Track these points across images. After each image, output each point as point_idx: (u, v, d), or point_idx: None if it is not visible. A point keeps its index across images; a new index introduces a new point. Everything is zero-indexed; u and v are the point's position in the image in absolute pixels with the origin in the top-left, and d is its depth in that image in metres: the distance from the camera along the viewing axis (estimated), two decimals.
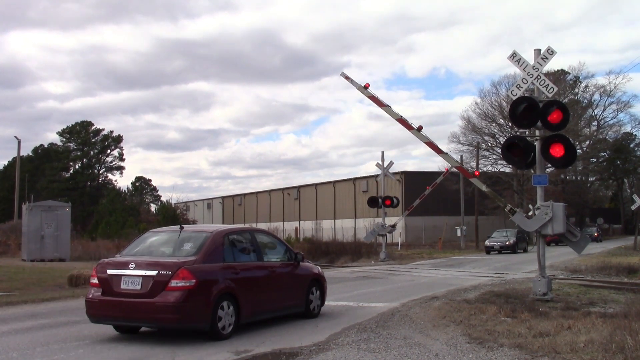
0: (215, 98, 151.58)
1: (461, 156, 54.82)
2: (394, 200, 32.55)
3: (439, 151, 13.48)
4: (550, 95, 12.21)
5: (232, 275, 8.98)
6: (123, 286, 8.47)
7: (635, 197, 38.13)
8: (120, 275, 8.53)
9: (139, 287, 8.36)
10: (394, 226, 32.12)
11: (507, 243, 37.35)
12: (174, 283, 8.21)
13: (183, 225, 9.66)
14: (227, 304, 8.70)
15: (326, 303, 11.42)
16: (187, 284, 8.22)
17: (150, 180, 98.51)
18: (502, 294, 13.11)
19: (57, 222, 29.61)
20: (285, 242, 11.22)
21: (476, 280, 18.01)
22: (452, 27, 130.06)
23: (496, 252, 36.94)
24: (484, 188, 13.62)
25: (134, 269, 8.48)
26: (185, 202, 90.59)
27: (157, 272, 8.33)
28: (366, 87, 13.76)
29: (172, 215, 47.31)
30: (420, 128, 13.19)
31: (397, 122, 13.57)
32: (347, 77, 14.00)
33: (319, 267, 11.85)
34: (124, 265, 8.59)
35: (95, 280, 8.84)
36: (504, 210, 12.89)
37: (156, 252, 9.23)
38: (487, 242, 39.10)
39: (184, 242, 9.15)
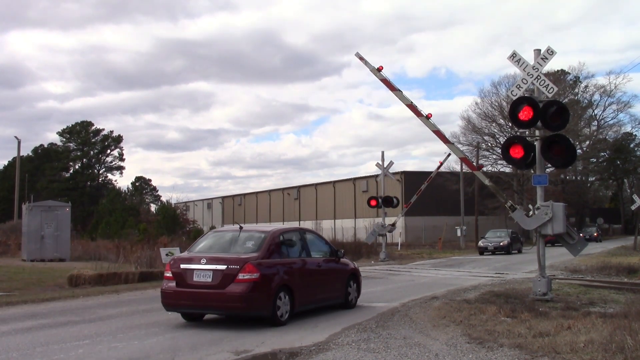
0: (215, 98, 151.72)
1: None
2: (394, 200, 32.53)
3: (445, 140, 13.50)
4: (550, 95, 12.21)
5: (287, 269, 10.27)
6: (195, 279, 9.72)
7: (635, 197, 38.08)
8: (193, 269, 9.79)
9: (210, 280, 9.59)
10: (393, 225, 32.08)
11: (502, 244, 36.21)
12: (241, 276, 9.45)
13: (241, 226, 10.99)
14: (284, 294, 9.95)
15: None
16: (253, 277, 9.47)
17: (150, 180, 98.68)
18: (502, 294, 13.11)
19: (57, 222, 29.59)
20: (327, 240, 12.47)
21: (476, 280, 18.01)
22: (453, 27, 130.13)
23: (490, 253, 35.89)
24: (487, 182, 13.66)
25: (205, 263, 9.73)
26: (185, 202, 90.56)
27: (226, 266, 9.57)
28: (379, 69, 13.64)
29: (172, 215, 47.25)
30: (429, 116, 13.16)
31: (407, 107, 13.37)
32: (361, 58, 13.85)
33: (355, 263, 13.17)
34: (196, 261, 9.88)
35: (169, 274, 10.08)
36: (504, 207, 12.88)
37: (221, 249, 10.41)
38: (480, 243, 37.82)
39: (245, 240, 10.42)
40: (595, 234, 54.87)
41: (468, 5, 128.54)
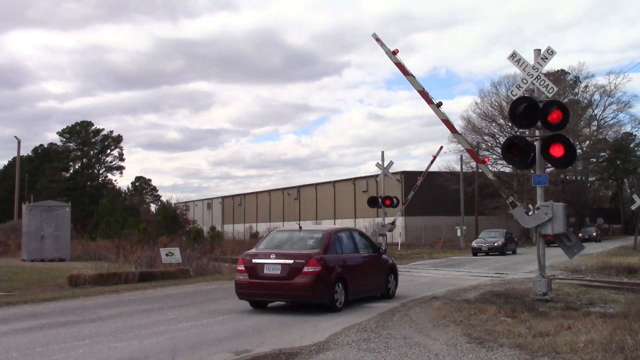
0: (215, 98, 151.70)
1: (461, 156, 54.81)
2: (394, 200, 32.49)
3: (454, 130, 13.52)
4: (550, 95, 12.21)
5: (342, 263, 11.79)
6: (266, 271, 11.23)
7: (635, 197, 38.03)
8: (264, 263, 11.31)
9: (279, 272, 11.13)
10: (393, 223, 31.98)
11: (496, 244, 34.96)
12: (306, 269, 10.97)
13: (301, 226, 12.62)
14: (339, 285, 11.46)
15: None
16: (316, 270, 11.01)
17: (150, 180, 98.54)
18: (502, 294, 13.11)
19: (57, 222, 29.60)
20: (371, 239, 13.97)
21: (476, 280, 18.01)
22: (453, 27, 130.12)
23: (483, 253, 34.65)
24: (490, 176, 13.71)
25: (274, 258, 11.28)
26: (185, 202, 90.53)
27: (293, 260, 11.10)
28: (395, 52, 13.56)
29: (172, 215, 47.22)
30: (439, 104, 13.10)
31: (419, 93, 13.27)
32: (377, 39, 13.74)
33: (392, 259, 14.72)
34: (266, 256, 11.39)
35: (242, 268, 11.59)
36: (504, 207, 12.94)
37: (285, 246, 11.88)
38: (474, 244, 36.42)
39: (305, 238, 12.01)
40: (594, 234, 54.83)
41: (468, 5, 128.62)
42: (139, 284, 17.32)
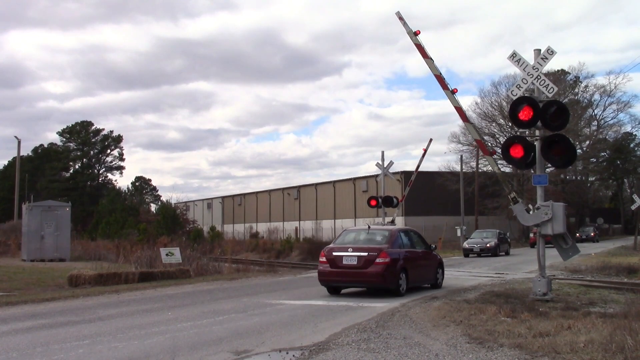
0: (215, 98, 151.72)
1: (461, 156, 54.87)
2: (394, 200, 32.49)
3: (465, 119, 13.54)
4: (550, 95, 12.20)
5: (404, 257, 14.12)
6: (344, 262, 13.60)
7: (635, 197, 38.05)
8: (342, 256, 13.68)
9: (355, 262, 13.50)
10: (392, 221, 31.94)
11: (488, 245, 33.62)
12: (378, 260, 13.29)
13: (369, 225, 15.37)
14: (402, 274, 13.79)
15: (325, 303, 12.55)
16: (386, 261, 13.33)
17: (150, 180, 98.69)
18: (502, 294, 13.11)
19: (57, 222, 29.60)
20: (421, 235, 16.39)
21: (476, 280, 18.01)
22: (453, 27, 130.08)
23: (475, 255, 33.58)
24: (497, 169, 13.71)
25: (351, 252, 13.64)
26: (185, 202, 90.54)
27: (367, 253, 13.44)
28: (416, 33, 13.52)
29: (172, 215, 47.25)
30: (454, 91, 13.03)
31: (435, 78, 13.17)
32: (400, 18, 13.63)
33: (440, 255, 17.16)
34: (344, 250, 13.80)
35: (323, 259, 14.00)
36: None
37: (358, 241, 14.23)
38: (465, 244, 35.23)
39: (374, 235, 14.44)
40: (592, 234, 54.57)
41: (469, 5, 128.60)
42: (139, 284, 17.32)
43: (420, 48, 13.37)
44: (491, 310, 10.32)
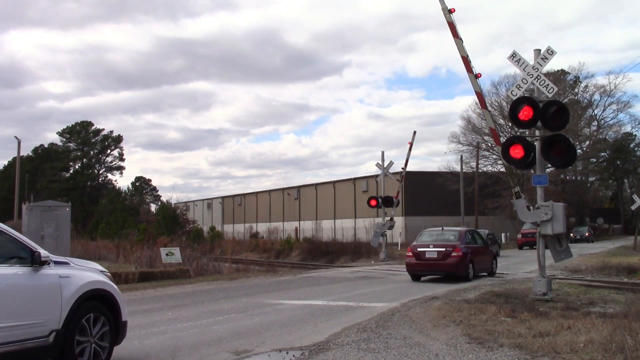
0: (215, 98, 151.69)
1: (461, 156, 54.87)
2: (394, 200, 32.51)
3: (484, 105, 13.37)
4: (550, 95, 12.21)
5: (471, 251, 17.96)
6: (427, 256, 17.58)
7: (635, 197, 38.04)
8: (425, 251, 17.69)
9: (435, 256, 17.47)
10: (391, 219, 31.91)
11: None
12: (454, 254, 17.24)
13: (443, 227, 19.67)
14: (470, 265, 17.65)
15: (325, 303, 12.52)
16: (459, 254, 17.26)
17: (150, 180, 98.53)
18: (502, 294, 13.11)
19: (57, 222, 29.55)
20: (480, 234, 20.93)
21: (476, 280, 18.00)
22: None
23: None
24: (505, 162, 13.59)
25: (432, 247, 17.65)
26: (185, 202, 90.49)
27: (444, 249, 17.45)
28: (451, 11, 13.42)
29: (172, 215, 47.25)
30: (478, 76, 12.88)
31: (461, 59, 13.07)
32: None
33: (493, 249, 21.63)
34: (426, 246, 17.83)
35: (410, 254, 18.02)
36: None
37: (435, 239, 18.25)
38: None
39: (447, 234, 18.67)
40: (587, 234, 51.71)
41: (469, 5, 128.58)
42: (139, 284, 17.32)
43: (452, 26, 13.20)
44: (491, 310, 10.32)
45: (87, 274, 6.88)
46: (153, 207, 77.13)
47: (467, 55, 12.97)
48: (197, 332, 9.29)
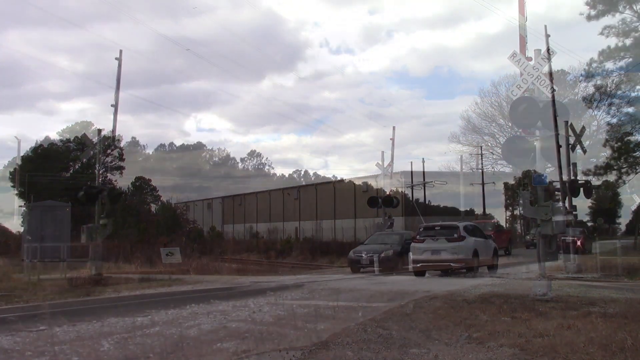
0: (215, 98, 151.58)
1: (461, 156, 54.95)
2: (394, 200, 32.54)
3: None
4: (550, 95, 12.20)
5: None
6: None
7: (635, 197, 37.93)
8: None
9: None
10: (390, 217, 31.90)
11: (382, 255, 22.97)
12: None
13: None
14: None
15: (325, 303, 12.54)
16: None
17: (150, 180, 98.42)
18: (502, 294, 13.09)
19: (57, 222, 29.59)
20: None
21: (476, 280, 18.00)
22: (454, 26, 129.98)
23: (362, 267, 23.23)
24: None
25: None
26: (185, 202, 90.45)
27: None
28: None
29: (172, 215, 47.26)
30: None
31: None
32: None
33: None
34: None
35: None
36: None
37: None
38: (351, 254, 24.64)
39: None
40: (578, 241, 34.20)
41: (470, 4, 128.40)
42: (139, 284, 17.31)
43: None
44: (491, 310, 10.31)
45: None
46: (153, 207, 77.09)
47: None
48: (197, 332, 9.26)
